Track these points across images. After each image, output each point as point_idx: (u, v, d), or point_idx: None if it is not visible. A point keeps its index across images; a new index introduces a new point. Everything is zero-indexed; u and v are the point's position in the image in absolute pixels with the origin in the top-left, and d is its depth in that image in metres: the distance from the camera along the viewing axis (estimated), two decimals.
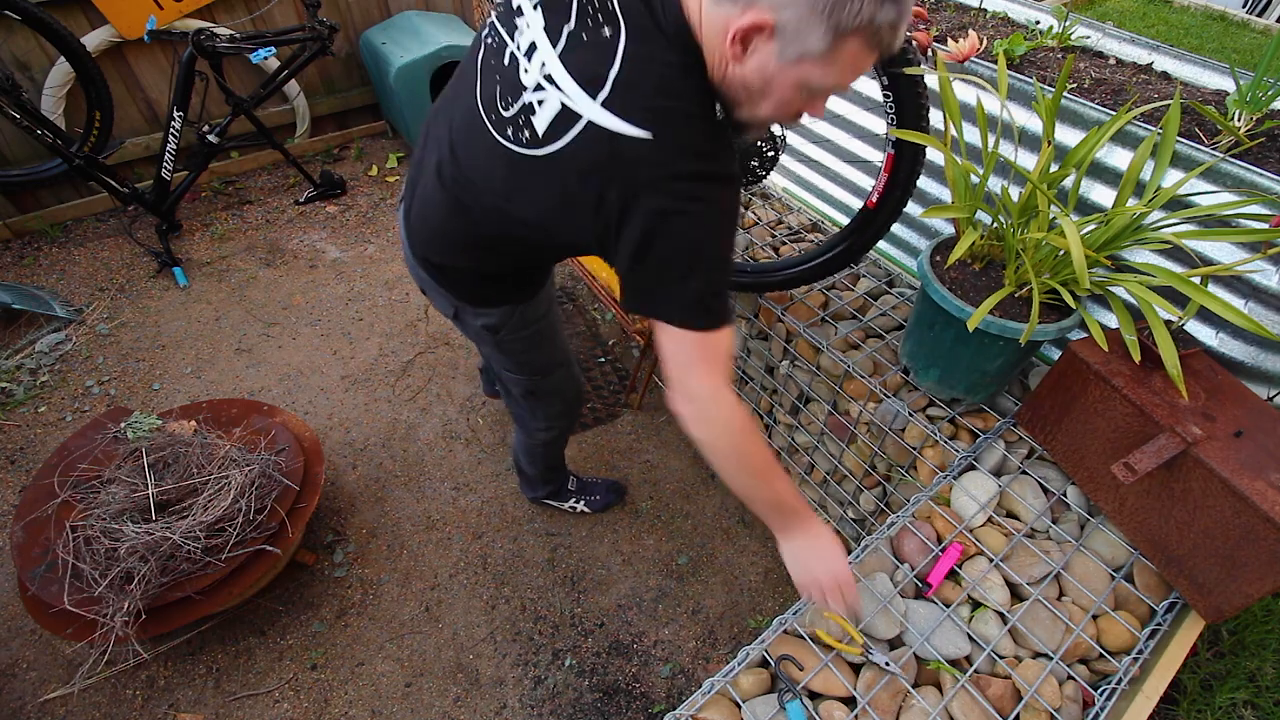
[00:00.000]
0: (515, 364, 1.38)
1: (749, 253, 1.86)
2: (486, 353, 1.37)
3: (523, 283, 1.21)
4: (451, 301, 1.21)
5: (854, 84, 1.66)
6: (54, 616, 1.43)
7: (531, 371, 1.41)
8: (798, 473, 1.95)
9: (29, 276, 2.73)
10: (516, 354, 1.34)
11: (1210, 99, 1.31)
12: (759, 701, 1.02)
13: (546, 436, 1.66)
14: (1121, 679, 1.05)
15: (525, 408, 1.55)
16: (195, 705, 1.62)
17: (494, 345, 1.30)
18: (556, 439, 1.70)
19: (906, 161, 1.22)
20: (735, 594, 1.88)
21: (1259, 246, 1.11)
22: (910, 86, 1.14)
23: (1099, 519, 1.26)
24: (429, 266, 1.17)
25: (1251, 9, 5.09)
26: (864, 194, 1.86)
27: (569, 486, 1.99)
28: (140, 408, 2.23)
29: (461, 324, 1.28)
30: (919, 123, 1.18)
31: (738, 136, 0.88)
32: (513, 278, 1.18)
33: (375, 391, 2.37)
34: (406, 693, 1.66)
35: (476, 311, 1.22)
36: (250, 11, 3.00)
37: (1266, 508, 0.94)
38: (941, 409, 1.47)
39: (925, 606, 1.13)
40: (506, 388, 1.50)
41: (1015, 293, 1.23)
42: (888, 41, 0.73)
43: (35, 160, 2.78)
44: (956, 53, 1.22)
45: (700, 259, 0.83)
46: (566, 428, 1.69)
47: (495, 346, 1.30)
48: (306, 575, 1.87)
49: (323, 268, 2.87)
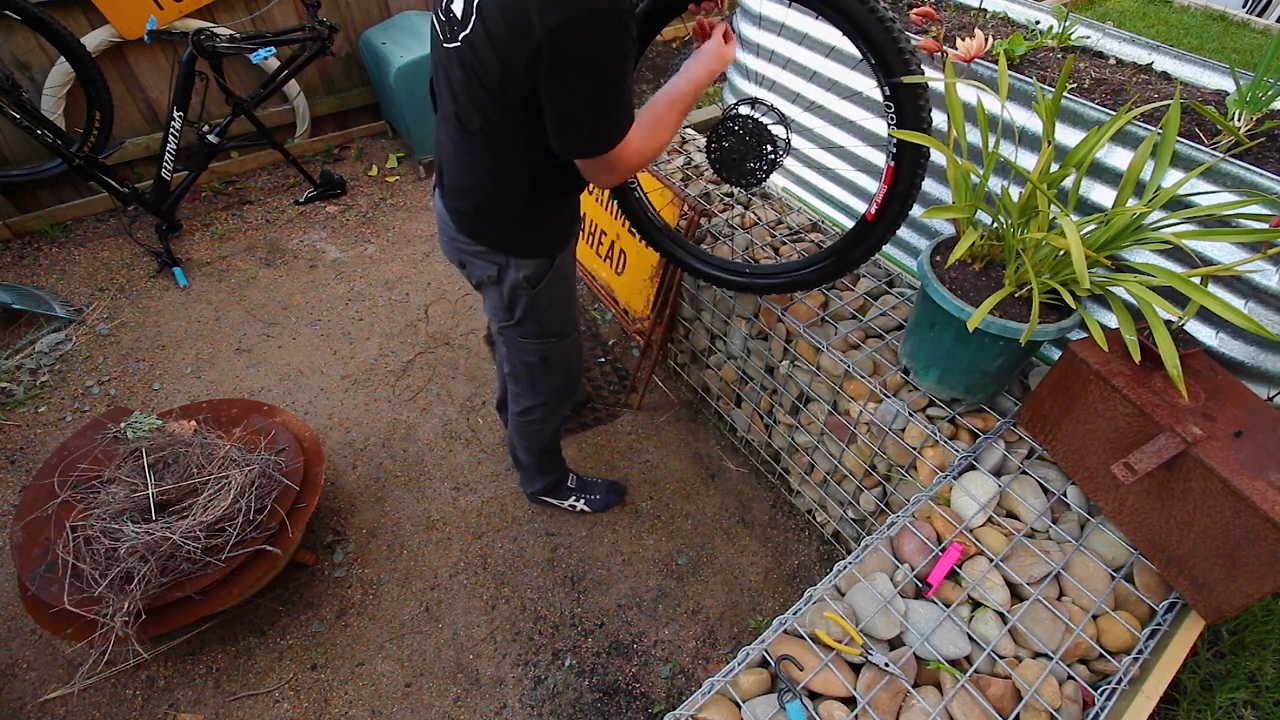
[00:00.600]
0: (538, 325, 1.45)
1: (749, 252, 1.87)
2: (517, 317, 1.42)
3: (551, 216, 1.31)
4: (493, 259, 1.30)
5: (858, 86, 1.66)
6: (54, 616, 1.43)
7: (550, 333, 1.48)
8: (798, 472, 1.96)
9: (29, 276, 2.73)
10: (545, 310, 1.41)
11: (1210, 99, 1.31)
12: (759, 701, 1.02)
13: (542, 414, 1.70)
14: (1121, 679, 1.05)
15: (528, 381, 1.61)
16: (195, 705, 1.62)
17: (530, 302, 1.37)
18: (550, 417, 1.73)
19: (906, 173, 1.21)
20: (735, 594, 1.88)
21: (1259, 246, 1.11)
22: (911, 94, 1.14)
23: (1099, 519, 1.26)
24: (468, 223, 1.28)
25: (1251, 9, 5.09)
26: (865, 196, 1.87)
27: (568, 484, 1.99)
28: (140, 408, 2.23)
29: (501, 287, 1.35)
30: (920, 128, 1.18)
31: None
32: (541, 211, 1.27)
33: (375, 391, 2.37)
34: (406, 693, 1.66)
35: (519, 263, 1.30)
36: (250, 11, 3.00)
37: (1266, 508, 0.94)
38: (941, 409, 1.47)
39: (925, 606, 1.13)
40: (515, 358, 1.56)
41: (1015, 293, 1.23)
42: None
43: (35, 160, 2.78)
44: (964, 52, 1.22)
45: (589, 93, 0.97)
46: (560, 407, 1.72)
47: (530, 303, 1.38)
48: (306, 575, 1.87)
49: (323, 268, 2.87)
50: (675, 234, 1.74)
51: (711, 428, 2.30)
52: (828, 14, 1.15)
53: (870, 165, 1.78)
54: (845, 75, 1.68)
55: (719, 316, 1.98)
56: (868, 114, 1.71)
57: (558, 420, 1.77)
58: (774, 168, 1.42)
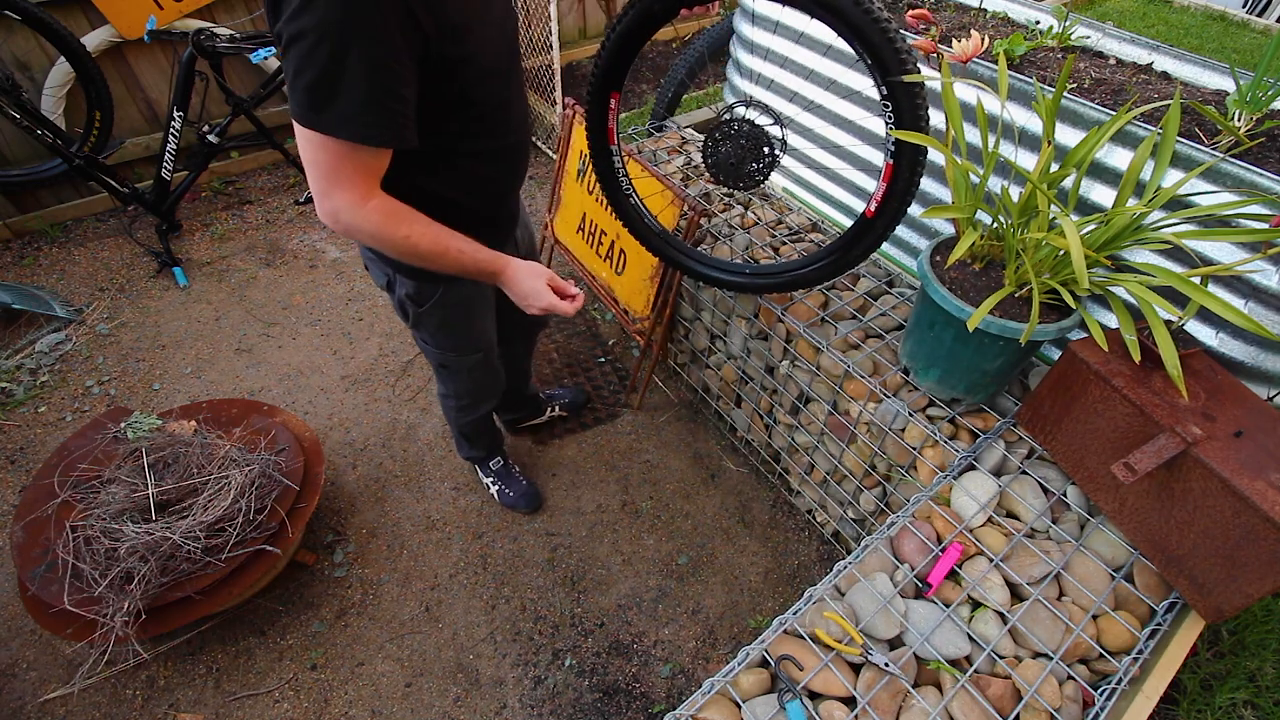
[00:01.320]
0: (431, 337, 1.46)
1: (749, 252, 1.87)
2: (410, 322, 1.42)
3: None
4: (382, 268, 1.30)
5: (856, 85, 1.66)
6: (54, 616, 1.43)
7: (445, 348, 1.49)
8: (798, 472, 1.95)
9: (29, 276, 2.73)
10: (434, 329, 1.42)
11: (1210, 99, 1.31)
12: (759, 701, 1.02)
13: (455, 404, 1.72)
14: (1121, 679, 1.05)
15: (438, 378, 1.67)
16: (195, 705, 1.62)
17: (415, 318, 1.38)
18: (465, 410, 1.74)
19: (905, 171, 1.21)
20: (735, 594, 1.88)
21: (1259, 246, 1.11)
22: (909, 94, 1.14)
23: (1099, 519, 1.26)
24: None
25: (1251, 9, 5.09)
26: (864, 195, 1.87)
27: (491, 464, 2.02)
28: (140, 408, 2.23)
29: (392, 294, 1.36)
30: (918, 129, 1.18)
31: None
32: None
33: (375, 391, 2.37)
34: (406, 693, 1.66)
35: (402, 280, 1.30)
36: (250, 11, 3.00)
37: (1266, 508, 0.94)
38: (941, 409, 1.47)
39: (925, 606, 1.13)
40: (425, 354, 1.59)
41: (1015, 293, 1.23)
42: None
43: (35, 160, 2.78)
44: (960, 53, 1.22)
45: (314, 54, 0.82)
46: (474, 406, 1.73)
47: (416, 320, 1.38)
48: (306, 575, 1.87)
49: (323, 267, 2.87)
50: (673, 238, 1.74)
51: (711, 428, 2.30)
52: (821, 15, 1.15)
53: (870, 165, 1.78)
54: (843, 74, 1.68)
55: (719, 316, 1.98)
56: (866, 113, 1.71)
57: (474, 415, 1.78)
58: (772, 168, 1.42)
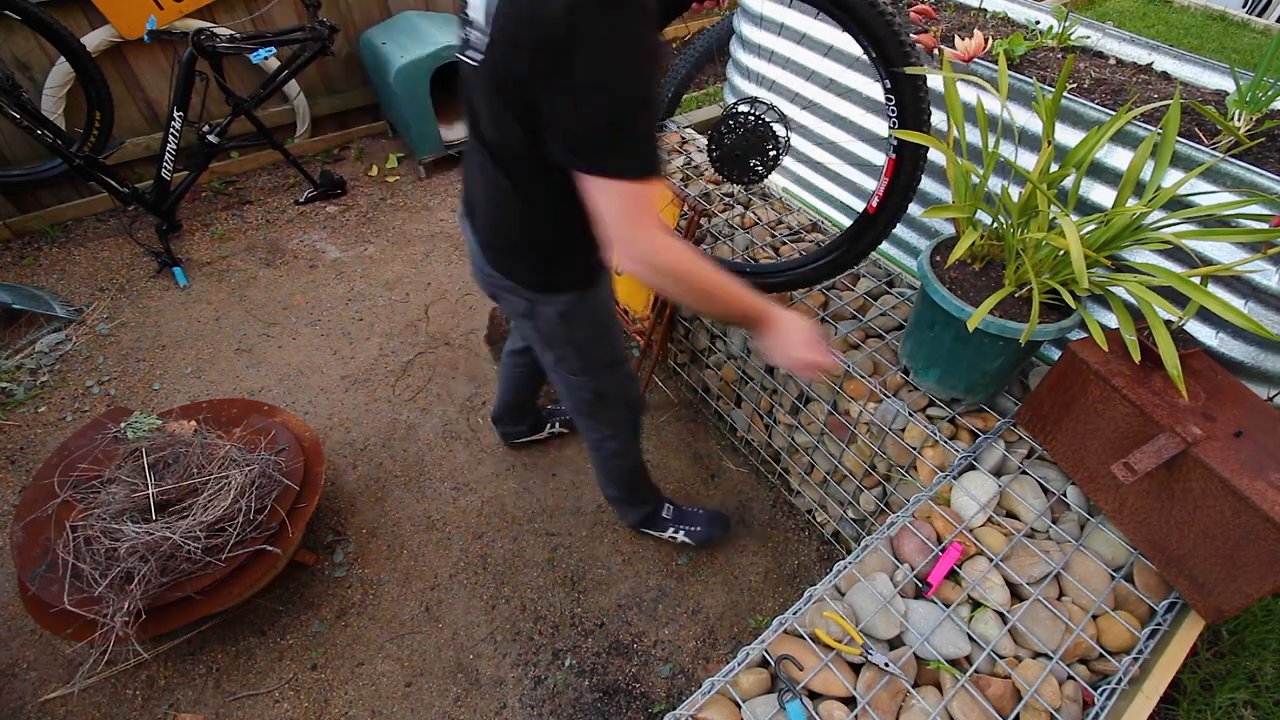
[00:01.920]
0: (582, 362, 1.38)
1: (749, 252, 1.87)
2: (557, 355, 1.37)
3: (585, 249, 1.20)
4: (524, 294, 1.25)
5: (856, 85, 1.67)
6: (54, 616, 1.43)
7: (597, 369, 1.42)
8: (798, 472, 1.95)
9: (29, 276, 2.73)
10: (586, 348, 1.36)
11: (1210, 99, 1.31)
12: (759, 701, 1.02)
13: (615, 446, 1.64)
14: (1121, 679, 1.05)
15: (591, 418, 1.55)
16: (195, 705, 1.62)
17: (567, 339, 1.32)
18: (626, 450, 1.67)
19: (907, 166, 1.22)
20: (735, 594, 1.88)
21: (1259, 246, 1.11)
22: (912, 88, 1.14)
23: (1099, 519, 1.26)
24: (498, 257, 1.22)
25: (1251, 9, 5.09)
26: (864, 195, 1.87)
27: (664, 514, 1.92)
28: (140, 408, 2.23)
29: (534, 322, 1.30)
30: (920, 124, 1.18)
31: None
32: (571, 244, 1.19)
33: (375, 391, 2.37)
34: (406, 693, 1.66)
35: (549, 299, 1.25)
36: (250, 11, 3.00)
37: (1266, 508, 0.94)
38: (941, 409, 1.47)
39: (925, 606, 1.13)
40: (570, 398, 1.50)
41: (1015, 293, 1.23)
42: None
43: (35, 160, 2.78)
44: (963, 51, 1.22)
45: (610, 96, 0.82)
46: (632, 436, 1.66)
47: (568, 340, 1.32)
48: (306, 575, 1.87)
49: (323, 268, 2.87)
50: None
51: (711, 428, 2.30)
52: (829, 10, 1.15)
53: (870, 164, 1.78)
54: (843, 74, 1.68)
55: None
56: (867, 113, 1.71)
57: (635, 452, 1.71)
58: (775, 164, 1.42)
